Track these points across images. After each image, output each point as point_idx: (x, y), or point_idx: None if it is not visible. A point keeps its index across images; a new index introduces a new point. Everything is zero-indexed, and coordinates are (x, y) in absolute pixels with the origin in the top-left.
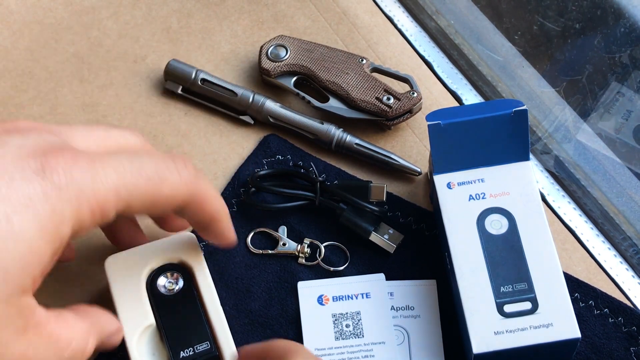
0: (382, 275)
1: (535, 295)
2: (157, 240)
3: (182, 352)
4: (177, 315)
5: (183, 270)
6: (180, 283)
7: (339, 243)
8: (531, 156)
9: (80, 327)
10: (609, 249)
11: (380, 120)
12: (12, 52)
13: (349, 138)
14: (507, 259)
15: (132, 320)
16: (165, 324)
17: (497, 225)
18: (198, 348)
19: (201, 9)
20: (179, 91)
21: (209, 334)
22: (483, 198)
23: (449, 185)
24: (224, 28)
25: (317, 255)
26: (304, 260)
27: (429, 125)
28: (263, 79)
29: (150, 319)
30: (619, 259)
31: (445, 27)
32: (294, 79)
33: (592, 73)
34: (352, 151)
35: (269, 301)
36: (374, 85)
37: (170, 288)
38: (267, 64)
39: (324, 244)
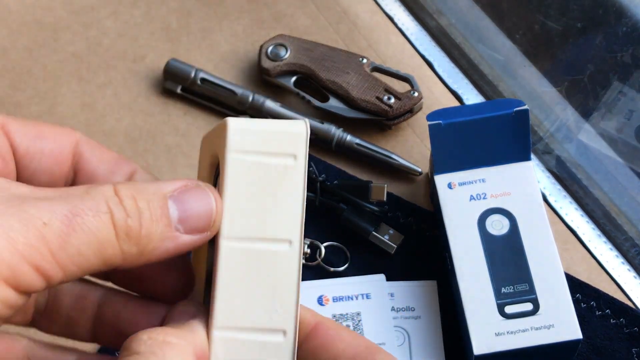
0: (382, 276)
1: (536, 296)
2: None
3: None
4: None
5: None
6: None
7: (339, 243)
8: (532, 156)
9: None
10: (611, 249)
11: (381, 119)
12: (11, 51)
13: (349, 138)
14: (508, 260)
15: None
16: None
17: (498, 226)
18: None
19: (201, 8)
20: (179, 91)
21: None
22: (484, 198)
23: (449, 186)
24: (223, 27)
25: (317, 255)
26: (304, 261)
27: (429, 125)
28: (263, 78)
29: None
30: (620, 259)
31: (446, 26)
32: (294, 78)
33: (593, 72)
34: (352, 151)
35: None
36: (375, 85)
37: None
38: (267, 64)
39: (324, 244)
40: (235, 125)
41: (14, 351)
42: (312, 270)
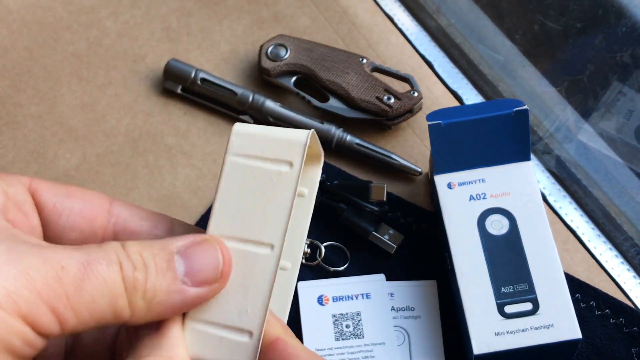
0: (382, 276)
1: (536, 296)
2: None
3: None
4: None
5: None
6: None
7: (339, 243)
8: (532, 156)
9: None
10: (610, 249)
11: (381, 120)
12: (11, 51)
13: (349, 138)
14: (507, 260)
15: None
16: None
17: (497, 226)
18: None
19: (201, 8)
20: (179, 91)
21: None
22: (484, 198)
23: (449, 186)
24: (223, 27)
25: (317, 255)
26: (304, 260)
27: (429, 125)
28: (263, 78)
29: None
30: (620, 259)
31: (446, 27)
32: (294, 78)
33: (593, 73)
34: (352, 151)
35: None
36: (375, 85)
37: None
38: (267, 64)
39: (324, 244)
40: (239, 129)
41: None
42: (312, 270)
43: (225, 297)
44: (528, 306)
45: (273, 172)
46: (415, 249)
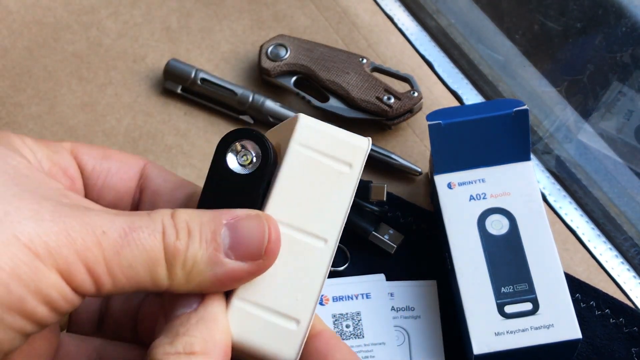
0: (382, 276)
1: (536, 296)
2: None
3: None
4: None
5: None
6: None
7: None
8: (532, 156)
9: None
10: (611, 249)
11: (381, 120)
12: (11, 51)
13: None
14: (507, 260)
15: None
16: None
17: (497, 226)
18: None
19: (201, 8)
20: (179, 91)
21: None
22: (484, 198)
23: (449, 186)
24: (223, 27)
25: None
26: None
27: (429, 125)
28: (263, 78)
29: None
30: (620, 259)
31: (446, 27)
32: (294, 78)
33: (593, 73)
34: None
35: None
36: (375, 85)
37: None
38: (267, 64)
39: None
40: (306, 121)
41: (83, 351)
42: None
43: (276, 282)
44: (528, 306)
45: (334, 170)
46: (415, 249)
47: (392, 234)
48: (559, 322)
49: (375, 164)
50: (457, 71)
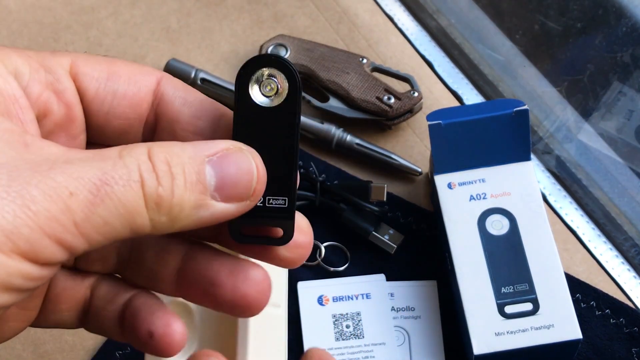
0: (382, 276)
1: (536, 296)
2: None
3: None
4: None
5: None
6: None
7: (339, 243)
8: (532, 156)
9: None
10: (611, 249)
11: (381, 120)
12: None
13: (349, 138)
14: (508, 260)
15: None
16: None
17: (498, 226)
18: None
19: (201, 8)
20: None
21: None
22: (484, 198)
23: (449, 186)
24: (223, 27)
25: (317, 255)
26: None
27: (429, 125)
28: None
29: None
30: (620, 259)
31: (446, 27)
32: None
33: (593, 73)
34: (352, 151)
35: None
36: (375, 85)
37: None
38: None
39: (324, 244)
40: None
41: (78, 288)
42: (312, 270)
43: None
44: (528, 306)
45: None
46: (415, 249)
47: (392, 234)
48: (559, 322)
49: (375, 164)
50: (457, 71)
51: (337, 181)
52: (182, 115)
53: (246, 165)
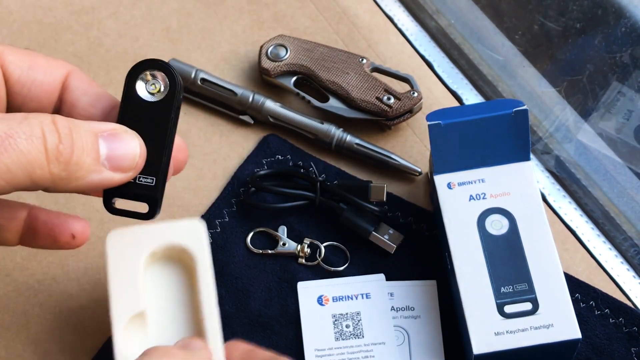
0: (382, 276)
1: (535, 296)
2: (163, 221)
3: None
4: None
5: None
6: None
7: (339, 243)
8: (532, 156)
9: None
10: (610, 249)
11: (381, 120)
12: None
13: (349, 138)
14: (507, 260)
15: (124, 304)
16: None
17: (497, 226)
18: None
19: (201, 8)
20: None
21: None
22: (483, 198)
23: (449, 186)
24: (223, 28)
25: (317, 255)
26: (303, 261)
27: (429, 125)
28: (263, 78)
29: (142, 306)
30: (620, 259)
31: (446, 27)
32: (294, 78)
33: (592, 73)
34: (352, 151)
35: (269, 301)
36: (374, 85)
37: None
38: (267, 64)
39: (324, 244)
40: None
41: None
42: (312, 270)
43: None
44: (528, 306)
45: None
46: (415, 249)
47: (392, 234)
48: (559, 322)
49: (375, 164)
50: (457, 71)
51: (336, 181)
52: (79, 103)
53: (132, 143)
